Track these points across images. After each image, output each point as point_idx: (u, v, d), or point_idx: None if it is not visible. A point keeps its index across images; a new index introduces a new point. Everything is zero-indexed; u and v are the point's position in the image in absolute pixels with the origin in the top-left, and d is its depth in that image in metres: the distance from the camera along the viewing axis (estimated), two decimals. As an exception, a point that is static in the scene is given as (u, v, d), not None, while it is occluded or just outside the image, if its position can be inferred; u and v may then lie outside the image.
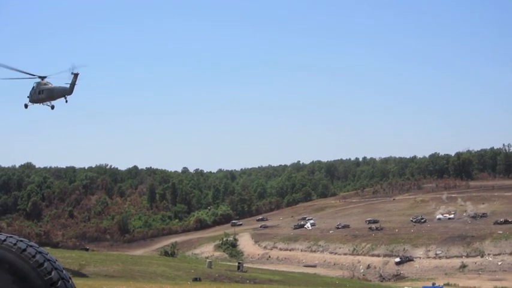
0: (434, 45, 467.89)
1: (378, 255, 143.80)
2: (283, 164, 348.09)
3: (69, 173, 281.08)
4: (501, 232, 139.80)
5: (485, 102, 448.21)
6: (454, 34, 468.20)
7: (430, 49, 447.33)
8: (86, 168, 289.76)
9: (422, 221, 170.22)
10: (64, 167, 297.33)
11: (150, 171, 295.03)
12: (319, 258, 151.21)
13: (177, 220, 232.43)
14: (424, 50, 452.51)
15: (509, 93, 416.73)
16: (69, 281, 4.78)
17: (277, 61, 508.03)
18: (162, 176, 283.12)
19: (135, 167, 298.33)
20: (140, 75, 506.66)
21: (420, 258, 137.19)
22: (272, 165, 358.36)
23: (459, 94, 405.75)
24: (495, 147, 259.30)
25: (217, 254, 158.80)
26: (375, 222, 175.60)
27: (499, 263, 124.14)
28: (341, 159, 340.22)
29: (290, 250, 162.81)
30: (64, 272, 4.85)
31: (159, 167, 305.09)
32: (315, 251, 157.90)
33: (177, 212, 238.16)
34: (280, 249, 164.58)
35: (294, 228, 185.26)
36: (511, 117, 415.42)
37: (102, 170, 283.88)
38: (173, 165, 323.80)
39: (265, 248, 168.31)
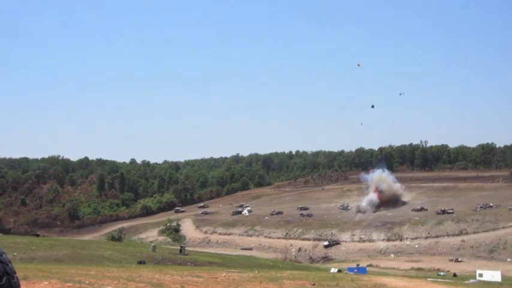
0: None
1: (308, 239, 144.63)
2: (223, 156, 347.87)
3: (23, 164, 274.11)
4: (418, 218, 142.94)
5: (404, 100, 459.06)
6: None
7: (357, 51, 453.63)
8: (39, 159, 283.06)
9: (348, 208, 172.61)
10: (18, 157, 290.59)
11: (100, 162, 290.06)
12: (255, 242, 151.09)
13: (124, 207, 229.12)
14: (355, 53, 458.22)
15: (419, 92, 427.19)
16: (13, 277, 4.11)
17: (223, 52, 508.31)
18: (111, 166, 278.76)
19: (86, 158, 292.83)
20: (91, 68, 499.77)
21: (346, 242, 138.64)
22: (213, 157, 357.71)
23: (382, 94, 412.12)
24: (414, 143, 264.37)
25: (161, 238, 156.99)
26: (305, 209, 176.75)
27: (416, 246, 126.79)
28: (276, 152, 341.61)
29: (228, 234, 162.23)
30: (10, 265, 4.17)
31: (109, 158, 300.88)
32: (251, 235, 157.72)
33: (125, 199, 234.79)
34: (220, 234, 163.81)
35: (233, 215, 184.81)
36: (427, 115, 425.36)
37: (54, 161, 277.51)
38: (122, 156, 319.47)
39: (205, 232, 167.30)
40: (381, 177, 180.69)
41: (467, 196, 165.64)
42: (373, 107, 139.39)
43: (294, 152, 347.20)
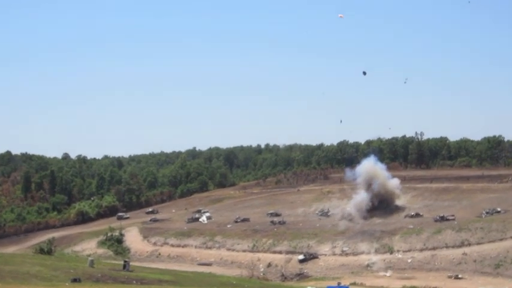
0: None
1: (280, 252, 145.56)
2: (177, 151, 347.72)
3: None
4: (412, 227, 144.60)
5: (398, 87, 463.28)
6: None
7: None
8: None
9: (329, 214, 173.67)
10: None
11: (26, 157, 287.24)
12: (215, 256, 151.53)
13: (55, 213, 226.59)
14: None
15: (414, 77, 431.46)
16: None
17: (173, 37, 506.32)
18: (39, 162, 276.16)
19: (8, 153, 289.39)
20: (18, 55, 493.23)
21: (325, 255, 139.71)
22: (165, 151, 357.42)
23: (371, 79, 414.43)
24: (407, 136, 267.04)
25: (100, 251, 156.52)
26: (277, 215, 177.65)
27: (409, 260, 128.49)
28: (241, 146, 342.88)
29: (183, 247, 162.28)
30: None
31: (36, 153, 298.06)
32: (210, 248, 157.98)
33: (56, 203, 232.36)
34: (172, 246, 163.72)
35: (188, 222, 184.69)
36: (424, 103, 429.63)
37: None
38: (52, 150, 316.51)
39: (155, 244, 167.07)
40: (373, 171, 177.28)
41: (470, 199, 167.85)
42: (364, 73, 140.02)
43: (263, 146, 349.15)
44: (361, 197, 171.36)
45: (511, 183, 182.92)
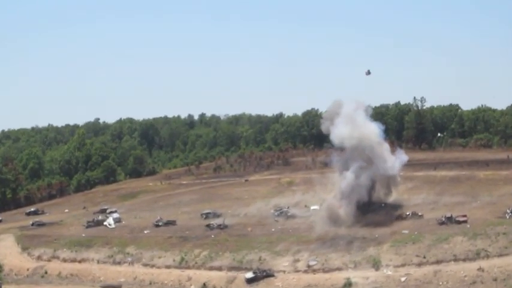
0: None
1: (220, 269, 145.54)
2: (72, 124, 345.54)
3: None
4: (407, 232, 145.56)
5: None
6: None
7: None
8: None
9: (289, 214, 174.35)
10: None
11: None
12: (127, 274, 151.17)
13: None
14: None
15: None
16: None
17: None
18: None
19: None
20: None
21: (285, 272, 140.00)
22: (54, 125, 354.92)
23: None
24: (403, 103, 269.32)
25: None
26: (215, 216, 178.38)
27: (402, 279, 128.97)
28: (165, 117, 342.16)
29: (80, 262, 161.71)
30: None
31: None
32: (119, 263, 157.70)
33: None
34: (65, 261, 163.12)
35: (88, 227, 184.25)
36: (425, 67, 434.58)
37: None
38: None
39: (39, 258, 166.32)
40: (367, 139, 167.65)
41: (490, 193, 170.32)
42: (369, 73, 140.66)
43: (196, 117, 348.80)
44: (349, 182, 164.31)
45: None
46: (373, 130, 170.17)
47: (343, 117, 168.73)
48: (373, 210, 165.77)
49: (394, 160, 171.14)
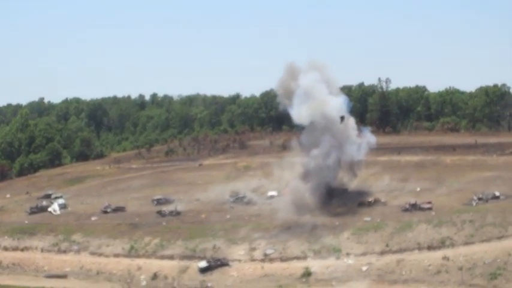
0: None
1: (171, 258, 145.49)
2: (14, 104, 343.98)
3: None
4: (369, 219, 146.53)
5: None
6: None
7: None
8: None
9: (246, 200, 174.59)
10: None
11: None
12: (73, 264, 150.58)
13: None
14: None
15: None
16: None
17: None
18: None
19: None
20: None
21: (240, 261, 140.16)
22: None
23: None
24: (366, 84, 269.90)
25: None
26: (167, 202, 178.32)
27: (364, 268, 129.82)
28: (115, 97, 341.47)
29: (23, 250, 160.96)
30: None
31: None
32: (65, 252, 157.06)
33: None
34: (6, 249, 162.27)
35: (31, 213, 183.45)
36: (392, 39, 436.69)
37: None
38: None
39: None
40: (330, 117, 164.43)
41: (456, 179, 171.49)
42: (342, 119, 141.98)
43: (147, 97, 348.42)
44: (317, 163, 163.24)
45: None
46: (338, 106, 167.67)
47: (301, 91, 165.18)
48: (335, 195, 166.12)
49: (361, 142, 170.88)
